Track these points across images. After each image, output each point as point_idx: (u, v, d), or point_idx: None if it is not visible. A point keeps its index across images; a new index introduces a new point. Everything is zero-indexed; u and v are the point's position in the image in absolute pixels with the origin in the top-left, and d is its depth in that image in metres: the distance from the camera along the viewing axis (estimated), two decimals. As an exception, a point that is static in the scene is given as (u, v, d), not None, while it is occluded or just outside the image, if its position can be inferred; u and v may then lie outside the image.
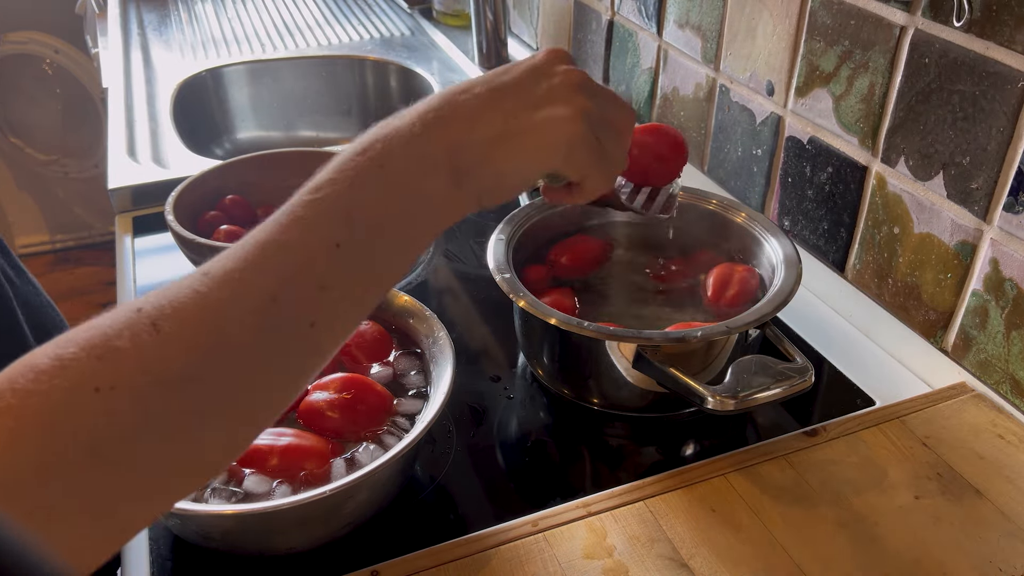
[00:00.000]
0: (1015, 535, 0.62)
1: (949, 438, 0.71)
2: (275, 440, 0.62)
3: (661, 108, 1.15)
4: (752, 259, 0.82)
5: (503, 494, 0.69)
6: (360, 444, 0.64)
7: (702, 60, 1.03)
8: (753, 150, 0.97)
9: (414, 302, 0.74)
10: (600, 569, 0.60)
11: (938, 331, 0.78)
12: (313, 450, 0.62)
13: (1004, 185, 0.68)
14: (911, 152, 0.76)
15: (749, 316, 0.70)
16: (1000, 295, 0.71)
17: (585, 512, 0.64)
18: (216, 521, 0.58)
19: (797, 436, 0.71)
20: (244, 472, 0.61)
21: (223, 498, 0.60)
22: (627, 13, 1.17)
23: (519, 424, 0.77)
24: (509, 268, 0.75)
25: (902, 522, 0.63)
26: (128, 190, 1.09)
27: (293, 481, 0.61)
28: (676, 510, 0.65)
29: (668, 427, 0.75)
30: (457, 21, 1.66)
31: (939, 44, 0.71)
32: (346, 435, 0.64)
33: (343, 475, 0.60)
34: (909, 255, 0.79)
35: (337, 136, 1.58)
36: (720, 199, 0.85)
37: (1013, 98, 0.65)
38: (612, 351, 0.70)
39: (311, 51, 1.56)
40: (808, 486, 0.67)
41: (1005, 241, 0.69)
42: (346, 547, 0.63)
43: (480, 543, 0.62)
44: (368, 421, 0.65)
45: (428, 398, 0.67)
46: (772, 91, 0.92)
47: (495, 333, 0.87)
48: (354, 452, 0.63)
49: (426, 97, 0.48)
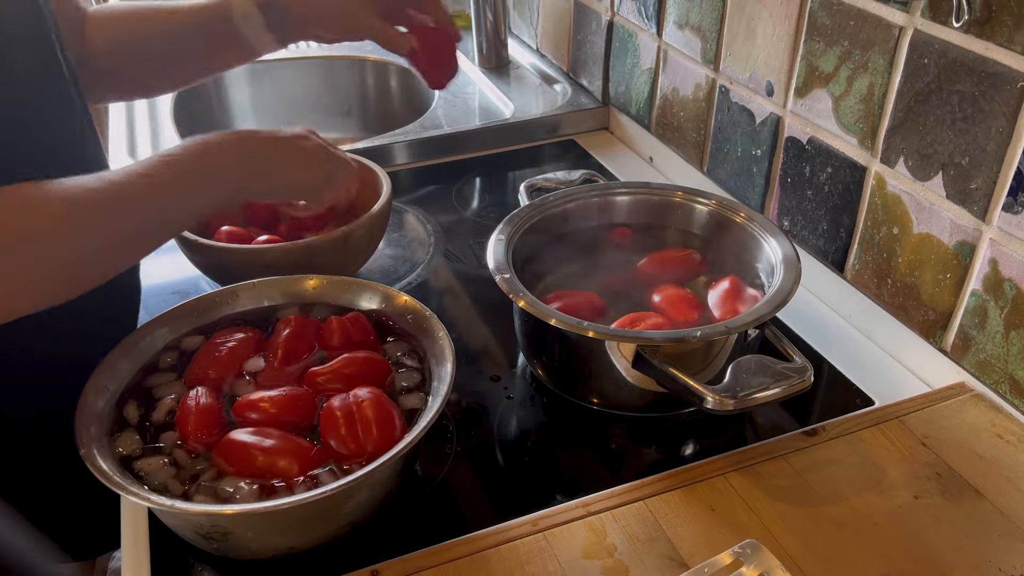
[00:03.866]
0: (1014, 535, 0.62)
1: (948, 438, 0.71)
2: (260, 440, 0.62)
3: (661, 108, 1.15)
4: (752, 259, 0.82)
5: (503, 494, 0.69)
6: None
7: (702, 60, 1.03)
8: (753, 150, 0.97)
9: (414, 302, 0.74)
10: (600, 569, 0.60)
11: (937, 331, 0.78)
12: (295, 454, 0.62)
13: (1003, 185, 0.68)
14: (910, 152, 0.76)
15: (748, 316, 0.70)
16: (999, 295, 0.71)
17: (585, 512, 0.65)
18: (216, 521, 0.58)
19: (797, 436, 0.71)
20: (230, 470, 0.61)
21: (208, 495, 0.60)
22: (627, 13, 1.17)
23: (519, 424, 0.77)
24: (509, 268, 0.75)
25: (901, 522, 0.63)
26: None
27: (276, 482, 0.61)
28: (676, 510, 0.65)
29: (668, 427, 0.76)
30: (457, 21, 1.65)
31: (938, 44, 0.71)
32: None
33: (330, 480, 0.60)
34: (908, 255, 0.79)
35: (337, 136, 1.58)
36: (720, 199, 0.85)
37: (1012, 98, 0.65)
38: (612, 351, 0.70)
39: (311, 51, 1.56)
40: (808, 486, 0.67)
41: (1004, 241, 0.69)
42: (346, 547, 0.63)
43: (480, 543, 0.62)
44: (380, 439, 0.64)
45: (428, 398, 0.67)
46: (772, 91, 0.92)
47: (495, 333, 0.87)
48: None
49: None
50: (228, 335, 0.72)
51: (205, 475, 0.61)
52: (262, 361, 0.71)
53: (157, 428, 0.65)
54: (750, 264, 0.82)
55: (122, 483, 0.58)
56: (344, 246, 0.85)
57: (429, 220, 1.08)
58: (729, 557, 0.59)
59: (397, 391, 0.68)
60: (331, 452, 0.63)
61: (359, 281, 0.77)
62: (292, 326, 0.72)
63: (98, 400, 0.65)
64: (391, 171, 1.01)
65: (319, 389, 0.68)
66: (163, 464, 0.62)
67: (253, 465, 0.61)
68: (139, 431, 0.65)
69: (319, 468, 0.61)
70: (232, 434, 0.63)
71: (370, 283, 0.77)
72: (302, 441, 0.63)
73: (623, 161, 1.23)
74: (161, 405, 0.67)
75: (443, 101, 1.36)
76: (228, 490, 0.60)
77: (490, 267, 0.75)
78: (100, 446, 0.61)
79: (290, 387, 0.67)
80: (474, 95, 1.39)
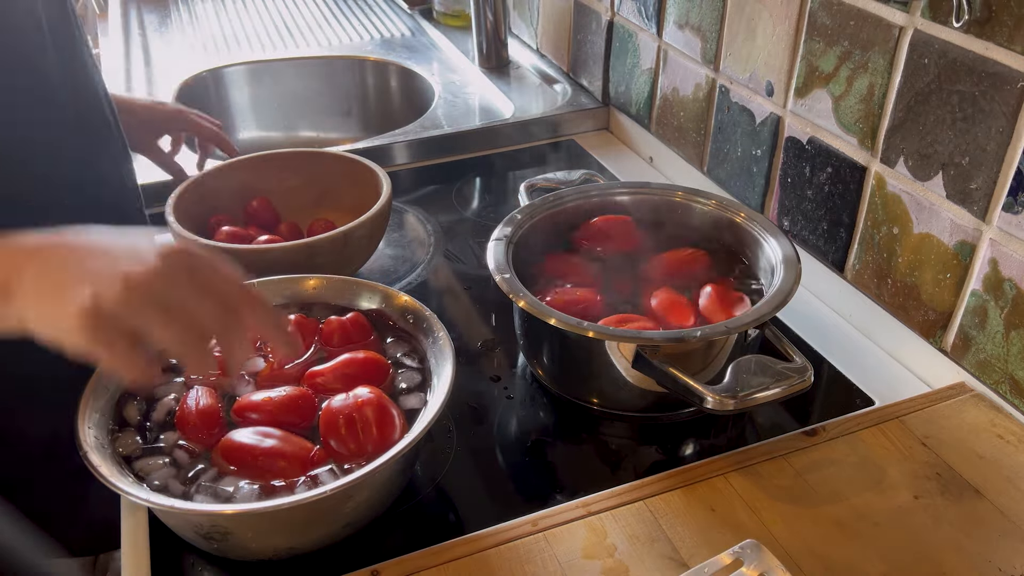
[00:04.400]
0: (1014, 535, 0.62)
1: (948, 438, 0.71)
2: (260, 441, 0.62)
3: (661, 108, 1.15)
4: (752, 259, 0.82)
5: (503, 494, 0.69)
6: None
7: (702, 60, 1.03)
8: (753, 150, 0.97)
9: (414, 302, 0.74)
10: (600, 569, 0.60)
11: (937, 331, 0.78)
12: (295, 455, 0.62)
13: (1003, 185, 0.68)
14: (910, 152, 0.76)
15: (748, 316, 0.70)
16: (999, 295, 0.71)
17: (585, 512, 0.65)
18: (216, 521, 0.58)
19: (797, 436, 0.71)
20: (230, 469, 0.61)
21: (208, 495, 0.60)
22: (627, 13, 1.17)
23: (519, 424, 0.77)
24: (509, 268, 0.75)
25: (901, 522, 0.63)
26: (128, 190, 1.09)
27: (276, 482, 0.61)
28: (676, 510, 0.65)
29: (668, 427, 0.76)
30: (457, 21, 1.66)
31: (938, 44, 0.71)
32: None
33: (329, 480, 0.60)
34: (908, 255, 0.79)
35: (337, 136, 1.58)
36: (720, 199, 0.85)
37: (1012, 98, 0.65)
38: (612, 351, 0.70)
39: (311, 51, 1.56)
40: (808, 486, 0.67)
41: (1004, 241, 0.69)
42: (346, 547, 0.63)
43: (480, 543, 0.62)
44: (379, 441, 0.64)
45: (428, 398, 0.67)
46: (772, 91, 0.92)
47: (495, 333, 0.87)
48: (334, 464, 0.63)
49: None
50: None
51: (205, 475, 0.61)
52: (262, 361, 0.71)
53: (157, 428, 0.65)
54: (750, 264, 0.82)
55: (122, 483, 0.58)
56: (344, 246, 0.85)
57: (429, 220, 1.08)
58: (729, 557, 0.59)
59: (397, 391, 0.68)
60: (331, 452, 0.63)
61: (359, 281, 0.77)
62: (291, 326, 0.72)
63: (98, 400, 0.65)
64: (391, 171, 1.01)
65: (319, 389, 0.68)
66: (163, 464, 0.62)
67: (253, 465, 0.61)
68: (139, 431, 0.65)
69: (319, 468, 0.61)
70: (232, 434, 0.63)
71: (370, 283, 0.77)
72: (302, 441, 0.63)
73: (623, 161, 1.23)
74: (161, 405, 0.67)
75: (443, 101, 1.36)
76: (228, 490, 0.60)
77: (490, 267, 0.75)
78: (101, 446, 0.61)
79: (290, 388, 0.67)
80: (474, 95, 1.39)
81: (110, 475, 0.58)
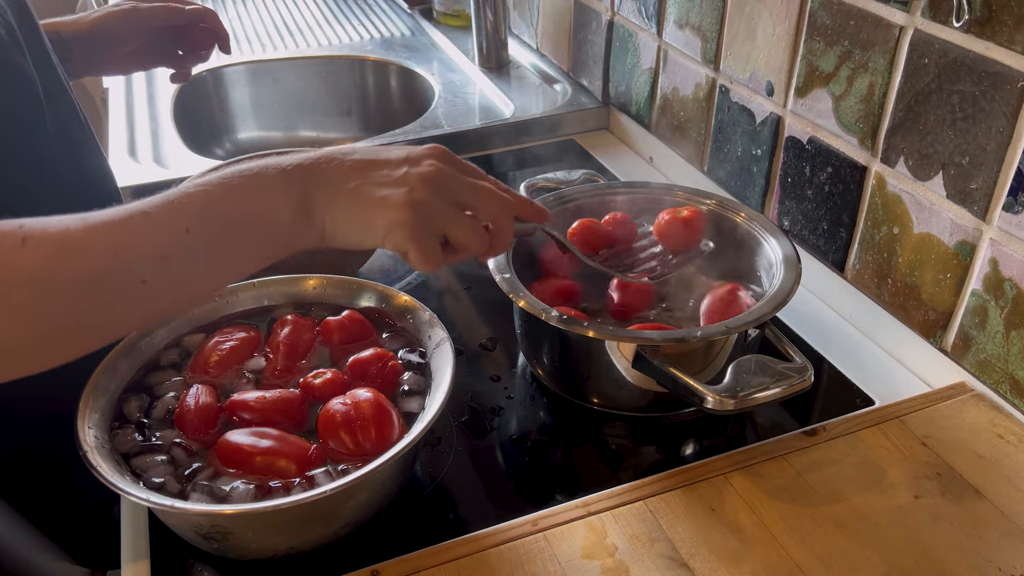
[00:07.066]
0: (1014, 535, 0.62)
1: (948, 438, 0.71)
2: (257, 441, 0.62)
3: (661, 108, 1.15)
4: (752, 259, 0.82)
5: (503, 494, 0.69)
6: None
7: (702, 60, 1.03)
8: (753, 150, 0.97)
9: (414, 302, 0.74)
10: (600, 569, 0.60)
11: (938, 331, 0.78)
12: (293, 455, 0.62)
13: (1003, 185, 0.68)
14: (911, 152, 0.76)
15: (748, 316, 0.70)
16: (999, 295, 0.71)
17: (585, 512, 0.65)
18: (216, 521, 0.58)
19: (797, 436, 0.71)
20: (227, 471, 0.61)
21: (204, 494, 0.60)
22: (627, 13, 1.17)
23: (519, 424, 0.77)
24: (509, 268, 0.75)
25: (901, 522, 0.63)
26: (129, 190, 1.09)
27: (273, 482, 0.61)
28: (676, 510, 0.65)
29: (668, 427, 0.75)
30: (457, 21, 1.66)
31: (939, 44, 0.71)
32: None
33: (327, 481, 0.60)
34: (909, 255, 0.79)
35: (337, 136, 1.58)
36: (720, 199, 0.85)
37: (1013, 98, 0.65)
38: (612, 351, 0.70)
39: (311, 51, 1.56)
40: (808, 486, 0.67)
41: (1004, 241, 0.69)
42: (346, 547, 0.63)
43: (480, 543, 0.62)
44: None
45: (428, 398, 0.67)
46: (772, 91, 0.92)
47: (495, 333, 0.87)
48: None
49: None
50: (229, 334, 0.72)
51: (202, 474, 0.61)
52: (263, 360, 0.71)
53: (156, 425, 0.65)
54: (750, 264, 0.82)
55: (123, 484, 0.58)
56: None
57: (429, 220, 1.08)
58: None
59: (397, 392, 0.68)
60: (329, 452, 0.63)
61: (358, 281, 0.77)
62: (290, 326, 0.72)
63: (98, 400, 0.65)
64: (391, 171, 1.01)
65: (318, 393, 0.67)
66: (160, 461, 0.62)
67: (251, 465, 0.61)
68: (138, 428, 0.65)
69: (317, 468, 0.61)
70: (229, 434, 0.63)
71: (369, 283, 0.77)
72: (300, 441, 0.63)
73: (623, 161, 1.23)
74: (161, 403, 0.67)
75: (443, 101, 1.36)
76: (224, 489, 0.60)
77: (490, 267, 0.75)
78: (101, 446, 0.61)
79: (282, 390, 0.67)
80: (474, 95, 1.39)
81: (111, 476, 0.58)
